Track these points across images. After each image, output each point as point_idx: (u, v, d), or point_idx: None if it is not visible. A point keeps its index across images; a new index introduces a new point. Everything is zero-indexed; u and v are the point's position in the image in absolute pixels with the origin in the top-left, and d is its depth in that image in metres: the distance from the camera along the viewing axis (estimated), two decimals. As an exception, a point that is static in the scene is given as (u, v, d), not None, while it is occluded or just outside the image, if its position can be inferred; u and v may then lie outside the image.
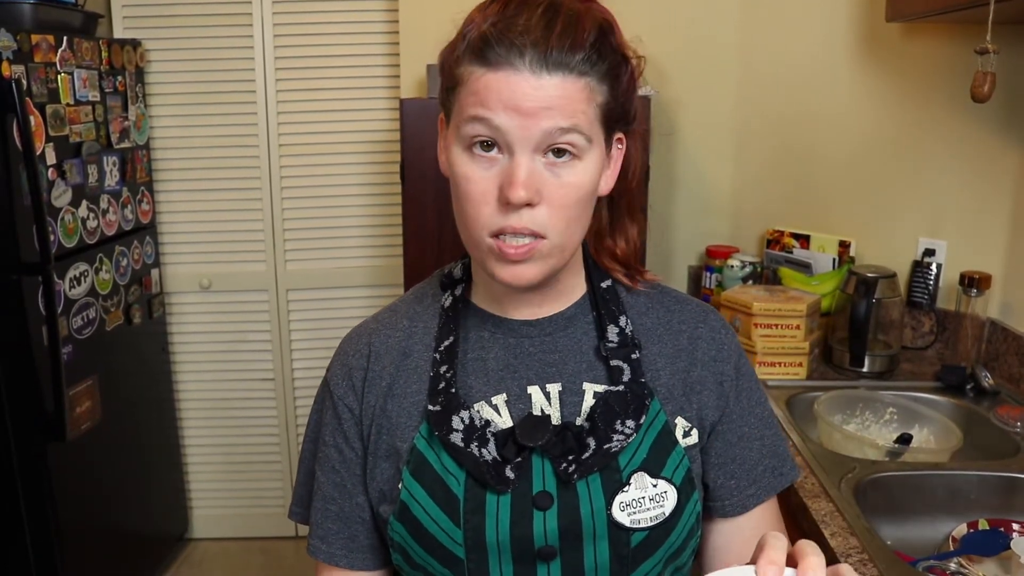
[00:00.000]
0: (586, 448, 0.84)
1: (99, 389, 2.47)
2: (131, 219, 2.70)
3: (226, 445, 3.10)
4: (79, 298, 2.38)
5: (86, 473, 2.46)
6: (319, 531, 0.95)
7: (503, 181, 0.78)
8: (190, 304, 3.00)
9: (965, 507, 1.50)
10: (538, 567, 0.86)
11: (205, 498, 3.15)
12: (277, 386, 3.05)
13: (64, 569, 2.34)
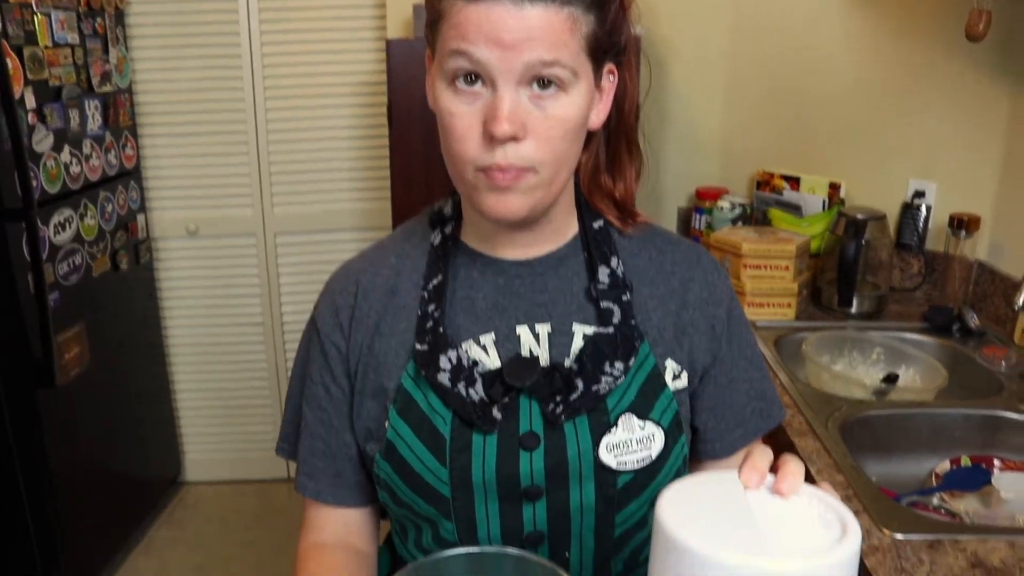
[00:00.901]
0: (574, 389, 0.84)
1: (87, 336, 2.47)
2: (115, 164, 2.66)
3: (217, 390, 3.11)
4: (64, 244, 2.36)
5: (77, 419, 2.47)
6: (306, 468, 0.96)
7: (487, 115, 0.77)
8: (177, 250, 2.98)
9: (949, 444, 1.52)
10: (523, 507, 0.87)
11: (197, 442, 3.17)
12: (266, 330, 3.06)
13: (59, 514, 2.36)
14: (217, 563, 2.74)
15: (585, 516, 0.87)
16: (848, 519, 0.58)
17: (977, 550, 1.12)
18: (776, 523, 0.58)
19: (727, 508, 0.59)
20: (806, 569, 0.52)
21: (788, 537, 0.56)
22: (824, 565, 0.53)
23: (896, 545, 1.13)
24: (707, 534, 0.54)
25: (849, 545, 0.55)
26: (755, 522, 0.57)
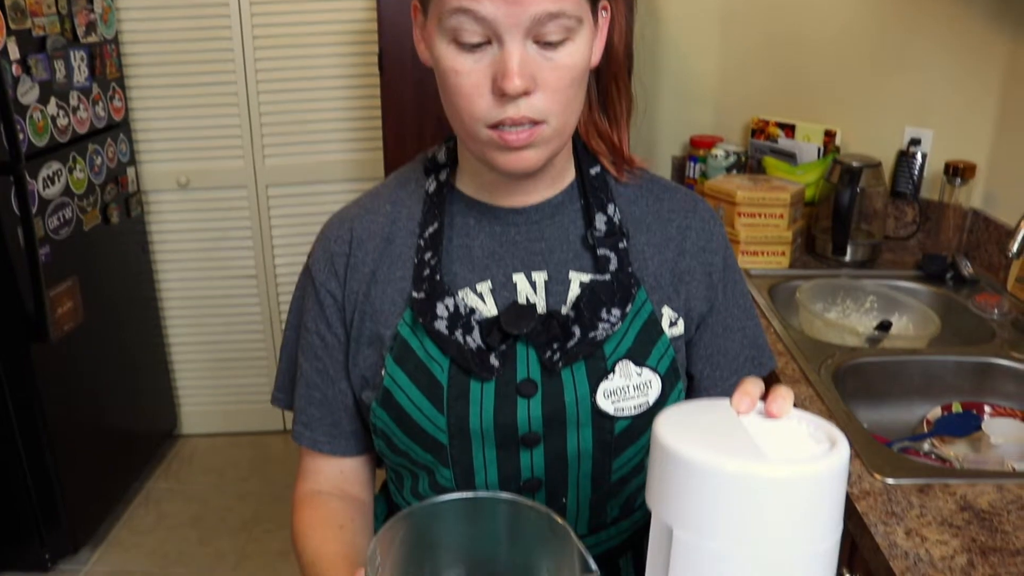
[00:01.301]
0: (571, 336, 0.84)
1: (80, 290, 2.46)
2: (103, 116, 2.63)
3: (211, 343, 3.12)
4: (54, 198, 2.34)
5: (72, 373, 2.47)
6: (302, 417, 0.96)
7: (496, 72, 0.75)
8: (168, 202, 2.96)
9: (940, 391, 1.54)
10: (521, 453, 0.87)
11: (193, 395, 3.18)
12: (260, 283, 3.05)
13: (57, 468, 2.38)
14: (215, 514, 2.77)
15: (582, 462, 0.88)
16: (837, 435, 0.59)
17: (966, 494, 1.14)
18: (769, 439, 0.59)
19: (721, 426, 0.60)
20: (799, 475, 0.54)
21: (781, 449, 0.58)
22: (816, 472, 0.55)
23: (887, 489, 1.14)
24: (703, 445, 0.55)
25: (840, 455, 0.56)
26: (749, 437, 0.59)
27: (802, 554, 0.55)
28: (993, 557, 1.02)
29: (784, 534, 0.54)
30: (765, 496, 0.53)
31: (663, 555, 0.57)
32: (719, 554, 0.54)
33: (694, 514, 0.55)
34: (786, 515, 0.54)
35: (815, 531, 0.55)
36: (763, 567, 0.54)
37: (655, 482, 0.58)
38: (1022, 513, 1.10)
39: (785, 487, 0.54)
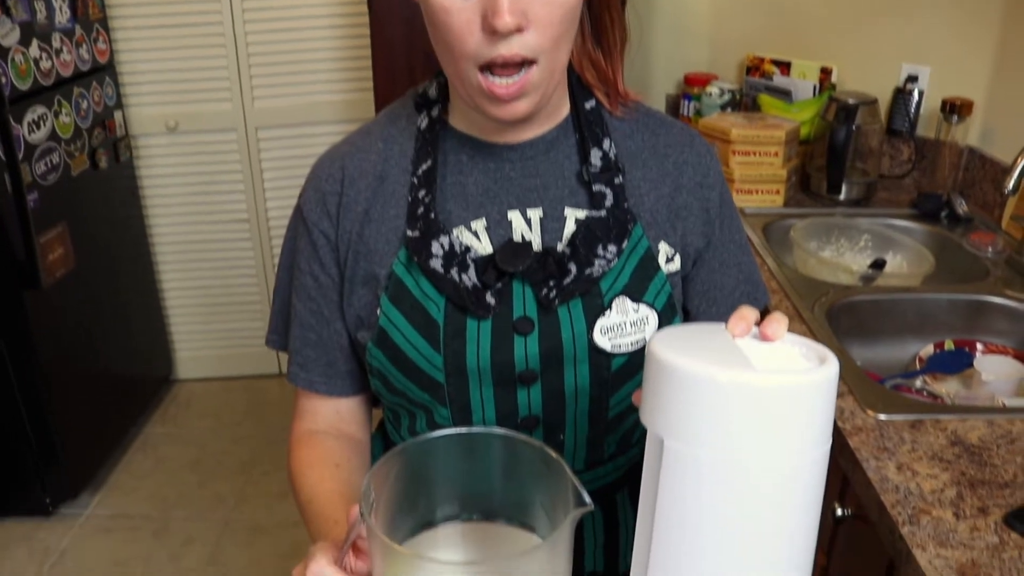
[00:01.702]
0: (567, 273, 0.84)
1: (70, 236, 2.44)
2: (87, 59, 2.58)
3: (205, 288, 3.11)
4: (40, 143, 2.31)
5: (66, 320, 2.47)
6: (298, 358, 0.95)
7: (486, 9, 0.73)
8: (157, 147, 2.92)
9: (933, 329, 1.54)
10: (518, 391, 0.87)
11: (187, 340, 3.18)
12: (252, 227, 3.03)
13: (54, 414, 2.39)
14: (212, 457, 2.79)
15: (579, 399, 0.88)
16: (827, 355, 0.60)
17: (957, 429, 1.15)
18: (761, 356, 0.60)
19: (715, 344, 0.61)
20: (788, 384, 0.55)
21: (772, 364, 0.59)
22: (805, 382, 0.56)
23: (879, 425, 1.15)
24: (695, 358, 0.56)
25: (829, 369, 0.57)
26: (741, 354, 0.60)
27: (790, 463, 0.56)
28: (982, 490, 1.03)
29: (772, 443, 0.55)
30: (754, 405, 0.54)
31: (654, 466, 0.58)
32: (709, 463, 0.55)
33: (684, 423, 0.56)
34: (774, 424, 0.55)
35: (804, 441, 0.56)
36: (750, 475, 0.55)
37: (648, 396, 0.59)
38: (1012, 447, 1.11)
39: (774, 396, 0.55)
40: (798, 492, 0.57)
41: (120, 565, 2.35)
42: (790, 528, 0.58)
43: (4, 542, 2.43)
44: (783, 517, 0.57)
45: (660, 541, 0.59)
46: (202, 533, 2.47)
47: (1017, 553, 0.93)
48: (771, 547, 0.58)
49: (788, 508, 0.57)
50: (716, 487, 0.56)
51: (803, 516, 0.58)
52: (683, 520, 0.57)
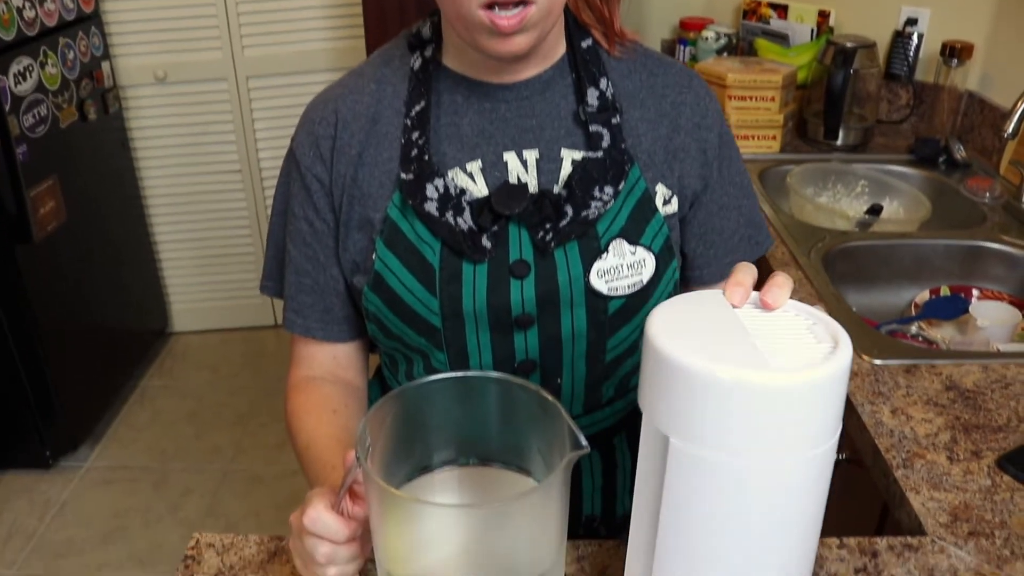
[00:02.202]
0: (563, 216, 0.83)
1: (61, 189, 2.42)
2: (72, 8, 2.53)
3: (198, 239, 3.09)
4: (27, 94, 2.27)
5: (59, 274, 2.45)
6: (294, 304, 0.95)
7: None
8: (147, 97, 2.88)
9: (929, 275, 1.54)
10: (515, 335, 0.87)
11: (182, 292, 3.17)
12: (244, 177, 3.01)
13: (51, 368, 2.39)
14: (209, 409, 2.81)
15: (576, 343, 0.88)
16: (838, 332, 0.57)
17: (952, 374, 1.15)
18: (767, 338, 0.57)
19: (717, 324, 0.58)
20: (802, 381, 0.52)
21: (781, 351, 0.55)
22: (820, 377, 0.52)
23: (874, 370, 1.15)
24: (699, 351, 0.53)
25: (842, 357, 0.54)
26: (746, 337, 0.56)
27: (803, 457, 0.53)
28: (975, 434, 1.04)
29: (786, 440, 0.52)
30: (765, 404, 0.51)
31: (657, 461, 0.56)
32: (718, 463, 0.53)
33: (691, 423, 0.53)
34: (788, 421, 0.52)
35: (817, 434, 0.54)
36: (763, 472, 0.53)
37: (649, 386, 0.56)
38: (1006, 392, 1.11)
39: (783, 394, 0.52)
40: (808, 483, 0.55)
41: (120, 516, 2.37)
42: (798, 518, 0.56)
43: (5, 494, 2.44)
44: (793, 508, 0.56)
45: (665, 537, 0.57)
46: (200, 484, 2.49)
47: (1009, 495, 0.94)
48: (780, 537, 0.56)
49: (797, 500, 0.55)
50: (724, 486, 0.54)
51: (812, 505, 0.56)
52: (689, 516, 0.56)
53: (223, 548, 0.88)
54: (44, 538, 2.30)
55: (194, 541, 0.89)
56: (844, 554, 0.86)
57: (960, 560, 0.86)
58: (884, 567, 0.84)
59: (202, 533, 0.90)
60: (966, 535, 0.89)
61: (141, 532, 2.32)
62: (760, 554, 0.56)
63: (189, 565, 0.86)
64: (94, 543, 2.28)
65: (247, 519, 2.33)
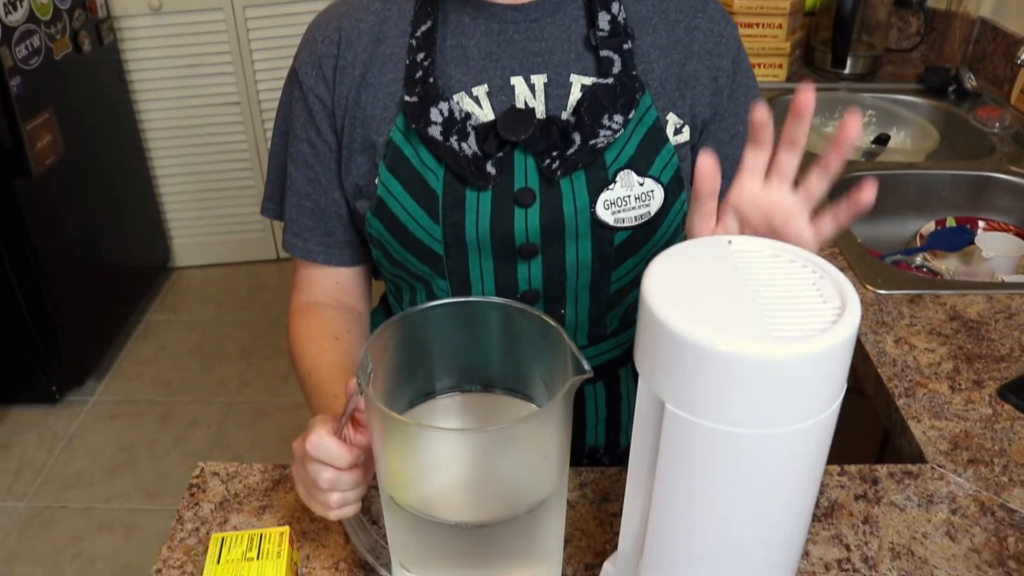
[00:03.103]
0: (571, 144, 0.81)
1: (57, 122, 2.38)
2: (63, -67, 2.47)
3: (198, 173, 3.07)
4: (18, 25, 2.22)
5: (58, 209, 2.44)
6: (294, 227, 0.94)
7: None
8: (142, 28, 2.83)
9: (935, 206, 1.52)
10: (518, 265, 0.86)
11: (183, 227, 3.16)
12: (243, 109, 2.97)
13: (54, 305, 2.39)
14: (213, 343, 2.82)
15: (581, 274, 0.87)
16: (845, 289, 0.54)
17: (956, 304, 1.15)
18: (771, 297, 0.54)
19: (718, 282, 0.55)
20: (807, 352, 0.49)
21: (785, 313, 0.52)
22: (825, 347, 0.49)
23: (878, 300, 1.15)
24: (698, 316, 0.50)
25: (849, 322, 0.51)
26: (748, 297, 0.53)
27: (802, 427, 0.51)
28: (978, 363, 1.04)
29: (789, 409, 0.50)
30: (767, 376, 0.49)
31: (653, 422, 0.54)
32: (715, 432, 0.51)
33: (688, 391, 0.51)
34: (792, 391, 0.50)
35: (817, 404, 0.51)
36: (763, 440, 0.51)
37: (644, 348, 0.54)
38: (1009, 322, 1.11)
39: (784, 366, 0.49)
40: (810, 448, 0.53)
41: (127, 449, 2.40)
42: (799, 479, 0.55)
43: (15, 428, 2.47)
44: (794, 471, 0.54)
45: (658, 505, 0.56)
46: (206, 417, 2.51)
47: (1009, 424, 0.94)
48: (778, 500, 0.55)
49: (798, 464, 0.54)
50: (721, 453, 0.52)
51: (813, 467, 0.55)
52: (684, 481, 0.54)
53: (227, 476, 0.89)
54: (53, 471, 2.33)
55: (199, 470, 0.90)
56: (845, 481, 0.87)
57: (959, 487, 0.86)
58: (884, 493, 0.85)
59: (207, 462, 0.91)
60: (965, 463, 0.89)
61: (148, 464, 2.35)
62: (756, 516, 0.56)
63: (194, 493, 0.87)
64: (102, 475, 2.31)
65: (252, 451, 2.36)
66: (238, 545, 0.72)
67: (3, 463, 2.35)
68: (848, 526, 0.81)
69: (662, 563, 0.59)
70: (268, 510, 0.85)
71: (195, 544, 0.81)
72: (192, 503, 0.86)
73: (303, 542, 0.81)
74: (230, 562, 0.70)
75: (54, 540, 2.12)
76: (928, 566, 0.78)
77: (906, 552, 0.79)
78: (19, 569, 2.05)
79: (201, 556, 0.80)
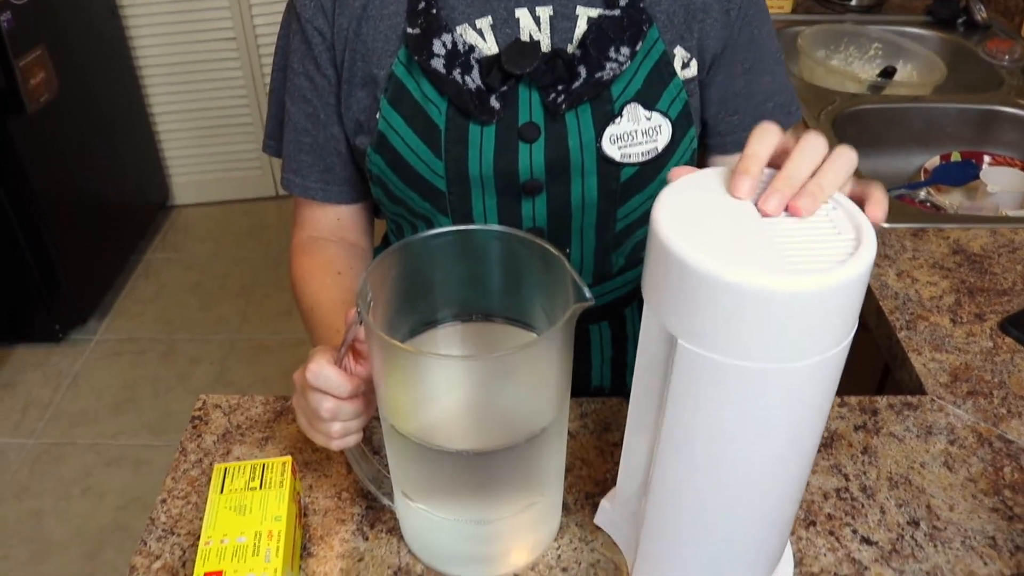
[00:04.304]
0: (576, 77, 0.79)
1: (51, 59, 2.35)
2: None
3: (195, 110, 3.03)
4: (8, -44, 2.18)
5: (55, 148, 2.42)
6: (292, 164, 0.92)
7: None
8: (134, -39, 2.77)
9: (940, 140, 1.51)
10: (522, 202, 0.85)
11: (182, 164, 3.13)
12: (240, 45, 2.92)
13: (55, 243, 2.39)
14: (213, 281, 2.82)
15: (586, 212, 0.86)
16: (860, 221, 0.52)
17: (959, 238, 1.14)
18: (783, 229, 0.52)
19: (730, 213, 0.53)
20: (816, 286, 0.47)
21: (799, 246, 0.51)
22: (841, 281, 0.48)
23: (881, 233, 1.14)
24: (709, 247, 0.49)
25: (864, 256, 0.49)
26: (761, 228, 0.52)
27: (819, 359, 0.50)
28: (980, 297, 1.03)
29: (803, 343, 0.49)
30: (781, 309, 0.48)
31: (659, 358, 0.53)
32: (724, 365, 0.50)
33: (699, 325, 0.49)
34: (805, 326, 0.49)
35: (836, 335, 0.50)
36: (773, 375, 0.50)
37: (654, 279, 0.52)
38: (1013, 256, 1.11)
39: (805, 300, 0.48)
40: (822, 382, 0.53)
41: (131, 387, 2.42)
42: (808, 414, 0.54)
43: (19, 367, 2.48)
44: (805, 406, 0.53)
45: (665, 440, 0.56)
46: (208, 354, 2.52)
47: (1009, 357, 0.95)
48: (785, 439, 0.55)
49: (809, 398, 0.53)
50: (732, 388, 0.51)
51: (822, 400, 0.54)
52: (692, 419, 0.54)
53: (229, 409, 0.89)
54: (59, 408, 2.35)
55: (201, 403, 0.90)
56: (844, 412, 0.87)
57: (957, 418, 0.87)
58: (883, 424, 0.86)
59: (209, 395, 0.91)
60: (965, 394, 0.90)
61: (152, 401, 2.37)
62: (764, 451, 0.55)
63: (197, 426, 0.88)
64: (107, 412, 2.34)
65: (255, 386, 2.38)
66: (241, 475, 0.72)
67: (10, 401, 2.37)
68: (847, 456, 0.82)
69: (666, 498, 0.59)
70: (270, 441, 0.85)
71: (199, 475, 0.82)
72: (195, 435, 0.87)
73: (305, 472, 0.82)
74: (233, 492, 0.71)
75: (63, 476, 2.15)
76: (925, 495, 0.78)
77: (904, 482, 0.79)
78: (30, 504, 2.08)
79: (204, 487, 0.80)
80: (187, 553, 0.75)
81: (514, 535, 0.70)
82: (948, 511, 0.77)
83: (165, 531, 0.77)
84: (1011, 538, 0.75)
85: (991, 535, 0.75)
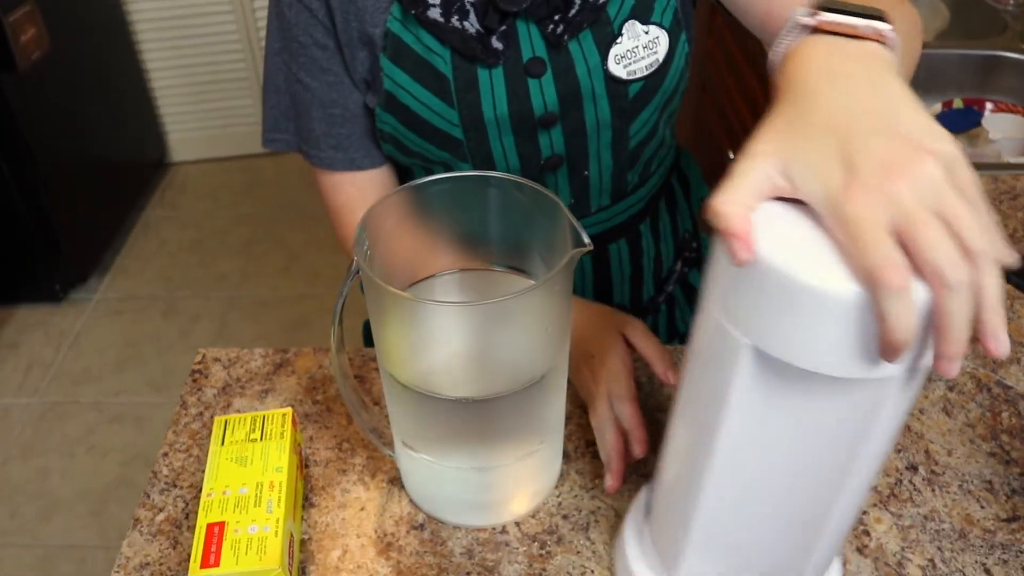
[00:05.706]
0: (572, 5, 0.79)
1: (41, 15, 2.31)
2: None
3: (190, 66, 2.99)
4: (-10, -96, 2.13)
5: (50, 106, 2.39)
6: (330, 141, 0.89)
7: None
8: (123, -87, 2.72)
9: (942, 87, 1.49)
10: (539, 135, 0.85)
11: (178, 121, 3.11)
12: None
13: (53, 202, 2.38)
14: (213, 238, 2.81)
15: (602, 133, 0.86)
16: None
17: (961, 184, 1.13)
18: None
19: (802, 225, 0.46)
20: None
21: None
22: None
23: (882, 181, 1.13)
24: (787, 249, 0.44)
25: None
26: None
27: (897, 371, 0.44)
28: (981, 243, 1.03)
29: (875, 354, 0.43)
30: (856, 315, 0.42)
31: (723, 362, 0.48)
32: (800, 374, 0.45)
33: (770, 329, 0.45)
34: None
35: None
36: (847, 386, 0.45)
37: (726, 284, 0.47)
38: (1014, 203, 1.10)
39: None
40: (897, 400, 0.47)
41: (133, 345, 2.42)
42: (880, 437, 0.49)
43: (21, 327, 2.49)
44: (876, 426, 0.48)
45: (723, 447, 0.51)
46: (208, 311, 2.53)
47: (1009, 303, 0.94)
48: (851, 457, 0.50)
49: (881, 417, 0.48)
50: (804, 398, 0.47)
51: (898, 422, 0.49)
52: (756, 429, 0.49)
53: (229, 362, 0.89)
54: (62, 367, 2.36)
55: (200, 356, 0.90)
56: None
57: (957, 363, 0.87)
58: (882, 370, 0.86)
59: (208, 349, 0.91)
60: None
61: (154, 358, 2.38)
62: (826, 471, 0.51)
63: (197, 379, 0.88)
64: (110, 370, 2.34)
65: (256, 341, 2.38)
66: (241, 427, 0.72)
67: (13, 361, 2.38)
68: (845, 402, 0.82)
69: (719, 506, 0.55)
70: (270, 393, 0.85)
71: (199, 428, 0.82)
72: (195, 388, 0.87)
73: (306, 424, 0.82)
74: (234, 443, 0.71)
75: (67, 433, 2.17)
76: (923, 440, 0.79)
77: (903, 427, 0.80)
78: (36, 462, 2.10)
79: (205, 439, 0.81)
80: (190, 505, 0.76)
81: (515, 483, 0.71)
82: (946, 456, 0.77)
83: (168, 484, 0.78)
84: (1007, 482, 0.75)
85: (988, 479, 0.76)
